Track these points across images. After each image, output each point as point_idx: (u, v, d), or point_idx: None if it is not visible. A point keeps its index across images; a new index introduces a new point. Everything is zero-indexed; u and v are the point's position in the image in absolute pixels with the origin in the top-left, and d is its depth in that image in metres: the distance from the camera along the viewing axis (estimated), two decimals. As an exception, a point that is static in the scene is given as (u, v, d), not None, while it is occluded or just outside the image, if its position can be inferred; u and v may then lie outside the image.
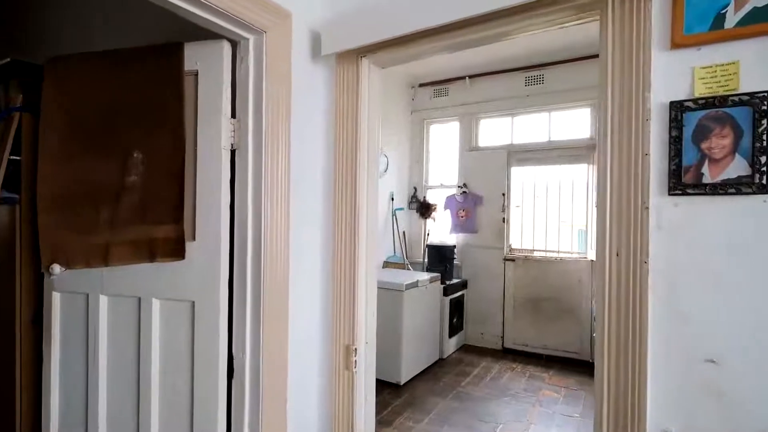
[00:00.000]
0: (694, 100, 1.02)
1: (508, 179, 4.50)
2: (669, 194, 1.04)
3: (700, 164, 1.02)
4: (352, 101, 1.62)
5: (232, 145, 1.44)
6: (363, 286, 1.57)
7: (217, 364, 1.40)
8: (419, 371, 3.66)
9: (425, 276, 3.81)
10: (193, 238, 1.42)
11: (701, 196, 1.02)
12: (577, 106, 4.22)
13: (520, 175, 4.53)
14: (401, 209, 4.82)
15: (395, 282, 3.45)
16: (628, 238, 1.06)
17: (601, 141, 1.10)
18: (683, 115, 1.03)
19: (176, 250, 1.41)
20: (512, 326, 4.35)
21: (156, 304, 1.46)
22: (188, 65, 1.43)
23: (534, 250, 4.48)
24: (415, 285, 3.55)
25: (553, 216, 4.36)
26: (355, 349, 1.54)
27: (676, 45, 1.04)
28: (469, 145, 4.77)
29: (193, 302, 1.42)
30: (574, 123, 4.25)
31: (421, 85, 5.00)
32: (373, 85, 1.67)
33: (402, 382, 3.41)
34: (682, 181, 1.03)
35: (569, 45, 3.99)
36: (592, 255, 4.02)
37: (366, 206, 1.60)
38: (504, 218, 4.46)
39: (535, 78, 4.34)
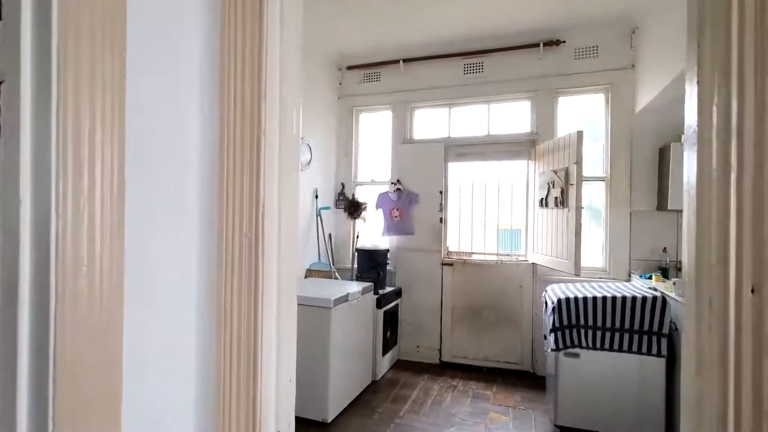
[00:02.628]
0: None
1: (446, 175, 4.10)
2: None
3: None
4: (251, 28, 0.97)
5: (-7, 73, 0.72)
6: (273, 336, 0.93)
7: None
8: (350, 401, 3.08)
9: (356, 287, 3.23)
10: None
11: None
12: (517, 98, 3.96)
13: (459, 172, 4.16)
14: (327, 208, 4.19)
15: (321, 296, 2.82)
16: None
17: (705, 74, 0.61)
18: None
19: None
20: (450, 337, 3.96)
21: None
22: None
23: (473, 253, 4.14)
24: (345, 299, 2.95)
25: (492, 216, 4.05)
26: (257, 445, 0.89)
27: None
28: (403, 137, 4.29)
29: None
30: (514, 116, 3.99)
31: (349, 68, 4.41)
32: (287, 8, 1.04)
33: (329, 419, 2.80)
34: None
35: (510, 30, 3.69)
36: (533, 257, 3.76)
37: (278, 209, 0.95)
38: (441, 218, 4.05)
39: (474, 66, 4.00)
